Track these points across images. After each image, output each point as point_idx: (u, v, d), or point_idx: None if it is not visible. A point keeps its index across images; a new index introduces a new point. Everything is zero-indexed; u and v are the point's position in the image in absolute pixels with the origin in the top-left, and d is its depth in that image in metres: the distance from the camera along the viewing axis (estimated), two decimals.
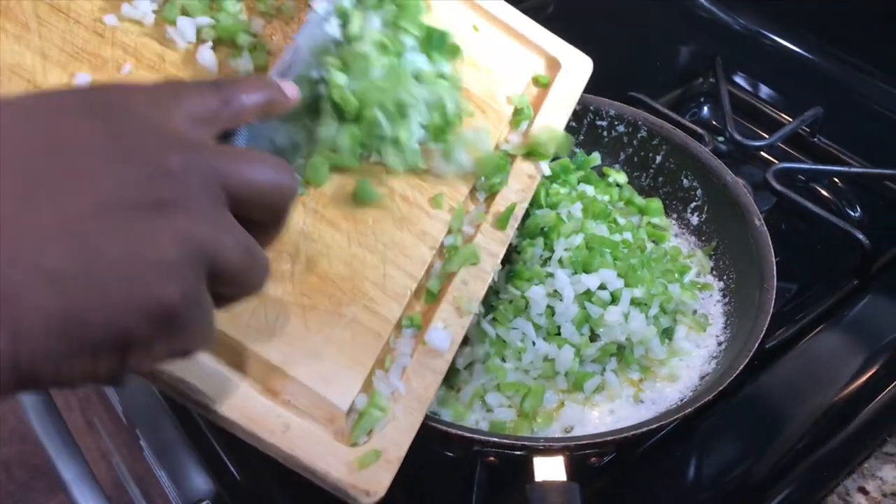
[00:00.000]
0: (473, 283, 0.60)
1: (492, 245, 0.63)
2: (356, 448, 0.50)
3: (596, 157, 0.82)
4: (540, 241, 0.68)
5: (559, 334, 0.65)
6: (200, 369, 0.48)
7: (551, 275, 0.66)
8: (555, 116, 0.71)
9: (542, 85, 0.73)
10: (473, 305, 0.59)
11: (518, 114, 0.69)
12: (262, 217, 0.39)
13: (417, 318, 0.57)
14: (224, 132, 0.42)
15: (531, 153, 0.68)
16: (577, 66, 0.75)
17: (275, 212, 0.39)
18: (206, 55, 0.57)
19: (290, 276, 0.53)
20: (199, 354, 0.47)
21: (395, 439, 0.52)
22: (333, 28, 0.57)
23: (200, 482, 0.67)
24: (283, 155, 0.54)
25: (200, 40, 0.57)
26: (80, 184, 0.32)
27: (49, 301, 0.30)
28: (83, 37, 0.54)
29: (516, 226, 0.65)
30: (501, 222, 0.64)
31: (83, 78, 0.52)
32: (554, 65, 0.74)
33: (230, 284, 0.37)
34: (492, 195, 0.65)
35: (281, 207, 0.39)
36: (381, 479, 0.50)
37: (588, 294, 0.66)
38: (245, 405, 0.48)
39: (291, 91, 0.46)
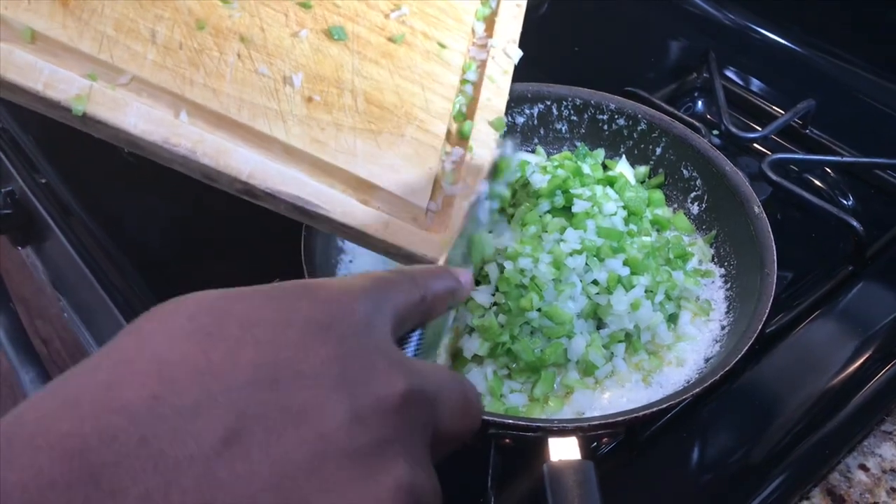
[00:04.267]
0: (496, 99, 0.73)
1: (502, 63, 0.75)
2: (440, 236, 0.62)
3: (600, 153, 0.84)
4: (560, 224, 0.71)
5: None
6: (307, 186, 0.59)
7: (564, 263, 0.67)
8: None
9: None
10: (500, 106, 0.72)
11: None
12: (444, 448, 0.35)
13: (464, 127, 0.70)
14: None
15: None
16: None
17: (460, 442, 0.36)
18: None
19: (355, 109, 0.64)
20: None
21: None
22: (485, 213, 0.69)
23: None
24: None
25: None
26: (301, 424, 0.28)
27: None
28: None
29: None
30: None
31: None
32: None
33: None
34: (490, 24, 0.77)
35: (466, 439, 0.36)
36: None
37: (595, 283, 0.68)
38: (353, 212, 0.60)
39: (466, 279, 0.44)
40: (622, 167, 0.83)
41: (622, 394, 0.67)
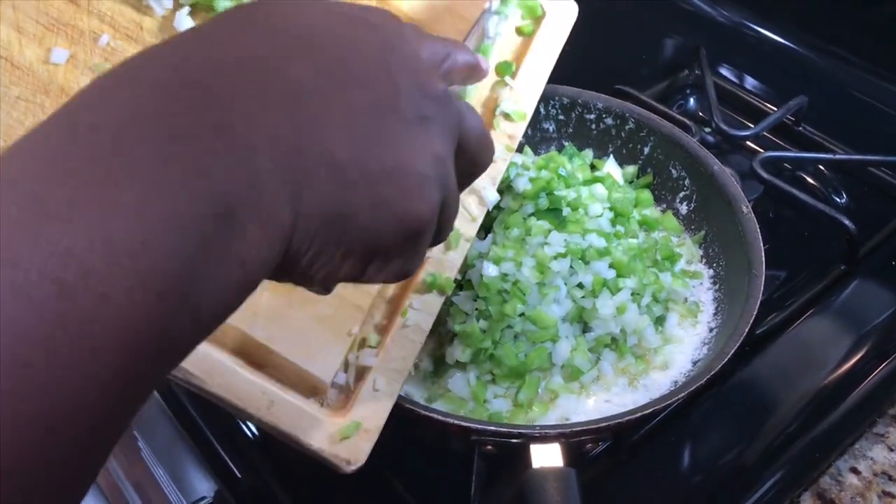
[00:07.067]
0: (452, 253, 0.63)
1: (472, 208, 0.65)
2: (338, 420, 0.52)
3: (588, 153, 0.83)
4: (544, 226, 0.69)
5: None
6: None
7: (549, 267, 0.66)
8: (538, 67, 0.71)
9: (526, 34, 0.71)
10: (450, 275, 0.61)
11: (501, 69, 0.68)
12: (463, 170, 0.40)
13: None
14: None
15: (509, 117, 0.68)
16: (561, 14, 0.73)
17: (475, 172, 0.41)
18: (184, 21, 0.56)
19: None
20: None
21: (374, 410, 0.54)
22: (493, 26, 0.64)
23: (201, 480, 0.68)
24: None
25: (178, 5, 0.57)
26: (364, 85, 0.34)
27: (329, 188, 0.31)
28: (58, 7, 0.53)
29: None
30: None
31: (60, 53, 0.52)
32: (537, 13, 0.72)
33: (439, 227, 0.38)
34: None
35: (481, 170, 0.42)
36: (361, 448, 0.52)
37: (581, 287, 0.67)
38: (232, 382, 0.50)
39: (485, 64, 0.47)
40: (610, 167, 0.82)
41: (608, 398, 0.66)
